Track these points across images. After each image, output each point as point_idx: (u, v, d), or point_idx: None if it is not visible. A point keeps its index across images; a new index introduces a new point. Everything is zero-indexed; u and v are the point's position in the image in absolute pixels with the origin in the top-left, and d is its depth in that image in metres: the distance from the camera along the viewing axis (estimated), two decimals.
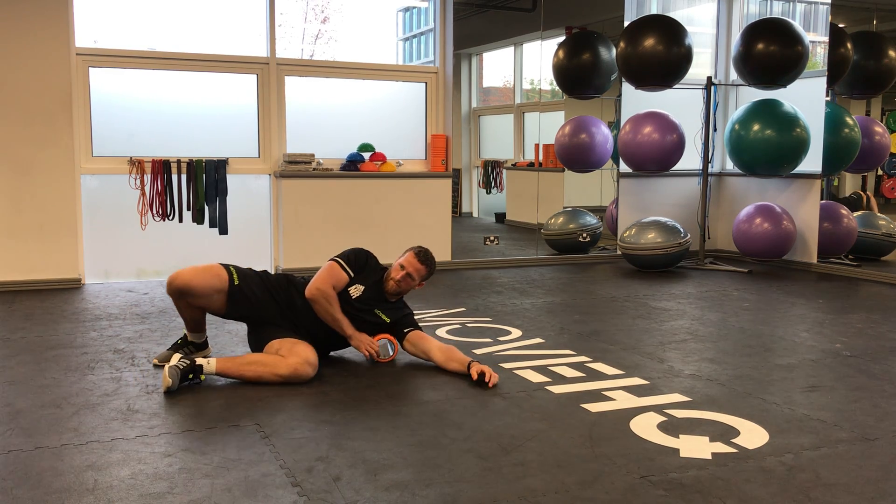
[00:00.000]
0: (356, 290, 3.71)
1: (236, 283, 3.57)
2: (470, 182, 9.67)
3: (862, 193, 8.03)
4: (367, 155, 6.73)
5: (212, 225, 6.22)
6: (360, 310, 3.71)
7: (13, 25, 5.58)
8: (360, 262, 3.76)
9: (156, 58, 6.18)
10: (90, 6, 5.98)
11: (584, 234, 7.61)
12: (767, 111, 6.78)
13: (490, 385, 3.38)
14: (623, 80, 7.18)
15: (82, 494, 2.32)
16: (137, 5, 6.43)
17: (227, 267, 3.61)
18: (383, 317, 3.75)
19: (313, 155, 6.48)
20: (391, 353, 3.75)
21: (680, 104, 7.25)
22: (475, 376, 3.42)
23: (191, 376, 3.33)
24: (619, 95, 7.53)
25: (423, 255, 3.76)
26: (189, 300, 3.56)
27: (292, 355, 3.43)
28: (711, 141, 7.12)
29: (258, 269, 3.78)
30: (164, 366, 3.60)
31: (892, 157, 7.82)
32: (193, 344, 3.76)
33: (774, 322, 4.87)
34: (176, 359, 3.38)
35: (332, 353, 3.89)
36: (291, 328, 3.63)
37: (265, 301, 3.62)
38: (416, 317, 3.94)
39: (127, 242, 6.16)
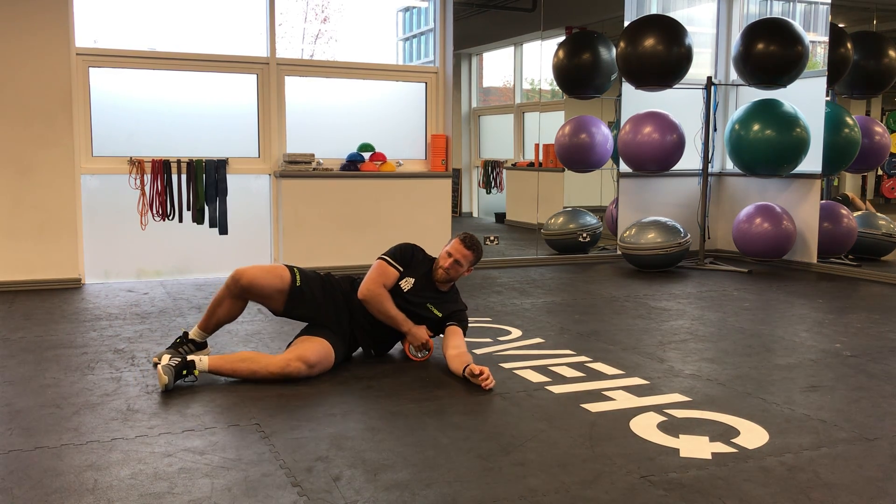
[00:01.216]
0: (407, 283, 3.77)
1: (298, 284, 3.65)
2: (470, 182, 9.67)
3: (848, 194, 8.05)
4: (367, 155, 6.73)
5: (212, 225, 6.22)
6: (413, 303, 3.77)
7: (13, 25, 5.58)
8: (406, 257, 3.83)
9: (156, 58, 6.18)
10: (90, 6, 5.98)
11: (584, 234, 7.61)
12: (767, 111, 6.78)
13: (484, 387, 3.36)
14: (623, 80, 7.18)
15: (82, 494, 2.32)
16: (137, 5, 6.43)
17: (290, 268, 3.70)
18: (435, 311, 3.80)
19: (313, 155, 6.48)
20: (426, 354, 3.82)
21: (680, 104, 7.25)
22: (476, 371, 3.40)
23: (184, 373, 3.34)
24: (619, 95, 7.53)
25: (468, 240, 3.81)
26: (249, 296, 3.64)
27: (289, 352, 3.47)
28: (711, 141, 7.12)
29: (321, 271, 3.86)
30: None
31: (892, 157, 7.83)
32: (194, 342, 3.76)
33: (774, 322, 4.87)
34: (167, 357, 3.39)
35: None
36: (347, 330, 3.71)
37: (323, 304, 3.69)
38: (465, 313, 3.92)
39: (127, 242, 6.16)
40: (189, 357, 3.39)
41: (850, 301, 5.59)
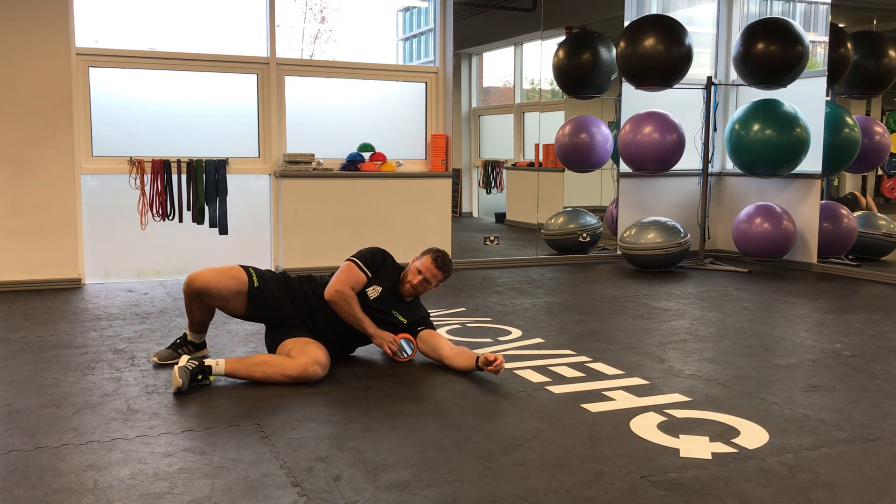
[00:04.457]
0: (374, 291, 3.70)
1: (256, 284, 3.56)
2: (470, 182, 9.67)
3: (857, 194, 8.04)
4: (367, 155, 6.73)
5: (212, 225, 6.22)
6: (378, 311, 3.71)
7: (13, 25, 5.58)
8: (377, 262, 3.74)
9: (156, 58, 6.18)
10: (90, 6, 5.98)
11: (584, 234, 7.61)
12: (767, 111, 6.78)
13: (492, 367, 3.38)
14: (623, 80, 7.18)
15: (82, 494, 2.32)
16: (137, 5, 6.43)
17: (246, 269, 3.60)
18: (400, 318, 3.76)
19: (313, 155, 6.48)
20: (409, 353, 3.75)
21: (680, 104, 7.25)
22: (491, 357, 3.41)
23: (199, 377, 3.32)
24: (619, 95, 7.53)
25: (440, 259, 3.74)
26: (206, 301, 3.55)
27: (302, 355, 3.43)
28: (711, 141, 7.12)
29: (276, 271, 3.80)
30: (166, 364, 3.63)
31: (892, 157, 7.82)
32: (192, 344, 3.76)
33: (774, 322, 4.87)
34: (185, 360, 3.35)
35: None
36: (309, 330, 3.64)
37: (284, 303, 3.62)
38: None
39: (127, 242, 6.16)
40: (206, 362, 3.35)
41: (850, 301, 5.59)
